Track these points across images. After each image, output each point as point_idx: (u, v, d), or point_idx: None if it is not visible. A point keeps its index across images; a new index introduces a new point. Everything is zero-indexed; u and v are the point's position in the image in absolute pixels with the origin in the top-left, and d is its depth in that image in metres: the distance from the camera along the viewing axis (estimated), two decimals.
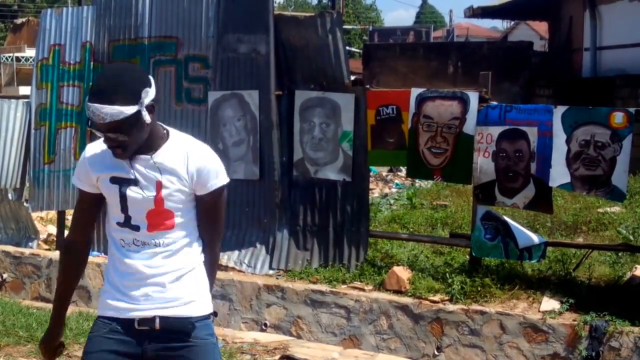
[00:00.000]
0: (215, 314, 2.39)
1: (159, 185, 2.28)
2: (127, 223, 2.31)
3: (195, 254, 2.36)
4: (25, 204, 7.47)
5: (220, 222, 2.41)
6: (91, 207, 2.39)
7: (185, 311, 2.28)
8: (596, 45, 13.40)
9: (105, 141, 2.24)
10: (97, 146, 2.36)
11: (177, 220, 2.31)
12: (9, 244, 7.21)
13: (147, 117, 2.23)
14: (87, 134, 7.07)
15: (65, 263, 2.44)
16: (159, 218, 2.29)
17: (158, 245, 2.29)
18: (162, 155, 2.29)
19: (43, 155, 7.19)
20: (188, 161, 2.29)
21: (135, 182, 2.28)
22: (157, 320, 2.25)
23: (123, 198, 2.29)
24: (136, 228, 2.30)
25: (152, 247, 2.29)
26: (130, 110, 2.18)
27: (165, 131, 2.35)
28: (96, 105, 2.16)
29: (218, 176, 2.33)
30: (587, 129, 5.03)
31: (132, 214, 2.30)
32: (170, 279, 2.28)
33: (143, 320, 2.26)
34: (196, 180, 2.30)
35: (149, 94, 2.24)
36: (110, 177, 2.30)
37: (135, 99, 2.19)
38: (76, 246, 2.42)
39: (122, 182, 2.29)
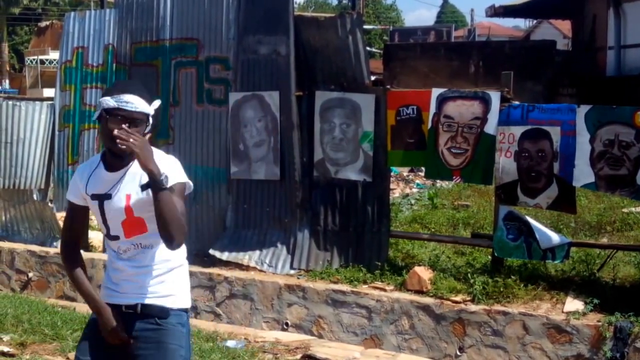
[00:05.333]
0: (187, 310, 2.73)
1: (128, 198, 2.61)
2: (108, 233, 2.67)
3: (175, 254, 2.65)
4: (49, 204, 7.58)
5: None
6: (79, 217, 2.75)
7: (163, 302, 2.63)
8: (620, 44, 13.24)
9: (115, 133, 2.46)
10: (85, 166, 2.73)
11: (150, 225, 2.60)
12: (34, 243, 7.32)
13: (149, 127, 2.59)
14: None
15: (74, 264, 2.72)
16: (134, 226, 2.62)
17: (137, 247, 2.63)
18: (133, 169, 2.59)
19: (67, 156, 7.28)
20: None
21: (109, 197, 2.62)
22: (139, 307, 2.62)
23: (102, 212, 2.65)
24: (116, 237, 2.66)
25: (133, 250, 2.64)
26: (147, 109, 2.57)
27: None
28: (127, 95, 2.52)
29: (175, 177, 2.57)
30: (611, 128, 4.97)
31: (109, 221, 2.65)
32: (157, 283, 2.64)
33: (128, 306, 2.64)
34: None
35: (155, 108, 2.60)
36: (91, 194, 2.65)
37: (149, 105, 2.58)
38: (75, 248, 2.77)
39: (99, 198, 2.63)
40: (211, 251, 6.42)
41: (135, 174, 2.59)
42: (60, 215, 8.08)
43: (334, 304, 5.67)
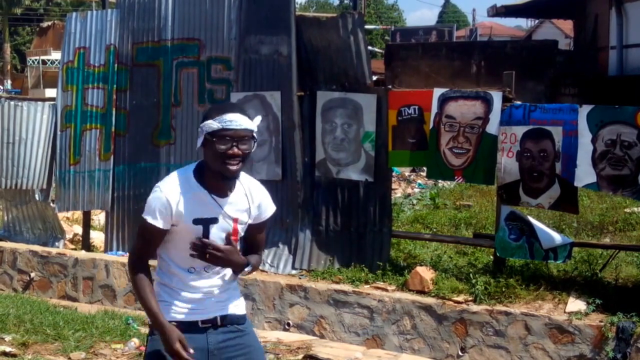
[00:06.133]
0: None
1: (235, 221, 2.61)
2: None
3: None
4: (51, 204, 7.59)
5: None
6: (158, 241, 2.61)
7: (238, 310, 2.70)
8: (622, 44, 13.23)
9: (228, 154, 2.47)
10: (176, 188, 2.55)
11: (239, 242, 2.66)
12: (36, 243, 7.32)
13: (255, 144, 2.55)
14: (111, 136, 7.16)
15: (141, 278, 2.60)
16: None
17: (223, 269, 2.64)
18: (237, 192, 2.61)
19: (69, 156, 7.29)
20: (252, 197, 2.65)
21: (216, 221, 2.57)
22: (219, 319, 2.64)
23: (206, 235, 2.57)
24: None
25: (221, 272, 2.64)
26: (251, 126, 2.53)
27: None
28: (236, 114, 2.49)
29: (270, 208, 2.72)
30: (613, 128, 4.96)
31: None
32: (229, 293, 2.69)
33: (205, 321, 2.63)
34: (257, 213, 2.67)
35: (257, 124, 2.56)
36: (193, 219, 2.56)
37: (251, 121, 2.54)
38: (143, 264, 2.62)
39: (206, 222, 2.57)
40: None
41: (240, 195, 2.61)
42: (62, 215, 8.11)
43: (335, 304, 5.67)
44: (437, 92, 5.68)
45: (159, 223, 2.54)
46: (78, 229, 8.00)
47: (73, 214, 8.57)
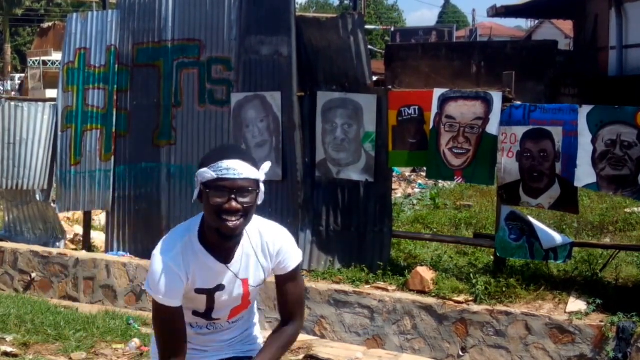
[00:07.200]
0: None
1: (246, 283, 2.27)
2: (207, 315, 2.31)
3: (255, 312, 2.54)
4: (52, 204, 7.59)
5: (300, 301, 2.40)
6: (181, 319, 2.22)
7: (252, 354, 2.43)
8: (622, 44, 13.25)
9: (225, 208, 2.10)
10: (179, 255, 2.18)
11: (252, 302, 2.42)
12: (37, 244, 7.33)
13: (261, 195, 2.19)
14: (112, 136, 7.17)
15: None
16: (242, 308, 2.36)
17: (233, 324, 2.41)
18: (245, 248, 2.24)
19: (69, 157, 7.29)
20: (268, 248, 2.28)
21: (222, 287, 2.23)
22: None
23: (211, 302, 2.26)
24: (216, 319, 2.34)
25: (227, 328, 2.39)
26: (258, 175, 2.17)
27: None
28: (234, 160, 2.11)
29: (294, 256, 2.32)
30: (613, 128, 4.97)
31: (216, 309, 2.30)
32: (240, 338, 2.44)
33: None
34: (277, 263, 2.29)
35: (265, 172, 2.21)
36: (195, 289, 2.22)
37: (258, 170, 2.19)
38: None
39: (210, 292, 2.23)
40: None
41: (249, 254, 2.24)
42: (63, 216, 8.11)
43: (336, 304, 5.67)
44: (437, 92, 5.69)
45: (171, 302, 2.14)
46: (79, 229, 8.01)
47: (74, 214, 8.58)
